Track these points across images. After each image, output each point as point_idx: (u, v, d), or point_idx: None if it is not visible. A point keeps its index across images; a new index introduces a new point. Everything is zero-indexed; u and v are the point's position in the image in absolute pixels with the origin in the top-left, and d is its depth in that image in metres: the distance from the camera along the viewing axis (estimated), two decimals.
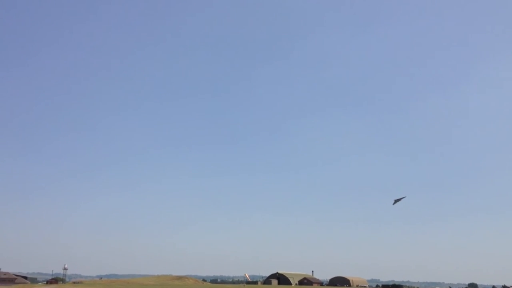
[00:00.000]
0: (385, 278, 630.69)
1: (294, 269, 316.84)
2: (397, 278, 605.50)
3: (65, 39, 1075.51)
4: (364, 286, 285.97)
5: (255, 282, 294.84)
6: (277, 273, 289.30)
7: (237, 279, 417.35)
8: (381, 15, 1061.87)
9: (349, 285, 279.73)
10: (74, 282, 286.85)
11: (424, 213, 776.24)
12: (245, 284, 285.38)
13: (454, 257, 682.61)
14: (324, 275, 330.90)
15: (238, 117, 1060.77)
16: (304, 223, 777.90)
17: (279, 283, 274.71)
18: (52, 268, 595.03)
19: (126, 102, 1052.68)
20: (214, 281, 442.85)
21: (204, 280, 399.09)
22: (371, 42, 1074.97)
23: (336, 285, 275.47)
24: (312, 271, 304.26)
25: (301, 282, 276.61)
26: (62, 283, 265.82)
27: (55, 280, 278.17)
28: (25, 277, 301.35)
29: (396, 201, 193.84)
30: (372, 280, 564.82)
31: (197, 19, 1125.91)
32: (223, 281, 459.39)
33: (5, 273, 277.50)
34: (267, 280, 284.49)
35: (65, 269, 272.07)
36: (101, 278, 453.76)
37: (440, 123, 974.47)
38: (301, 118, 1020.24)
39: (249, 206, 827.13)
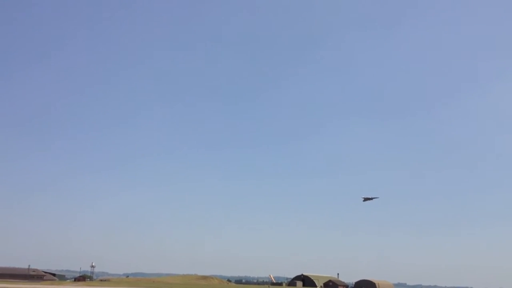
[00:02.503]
0: (412, 282, 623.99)
1: (319, 271, 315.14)
2: (424, 282, 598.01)
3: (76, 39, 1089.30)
4: None
5: (280, 284, 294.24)
6: (302, 275, 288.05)
7: (261, 280, 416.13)
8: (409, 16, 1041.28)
9: None
10: (101, 280, 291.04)
11: (453, 216, 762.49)
12: (269, 285, 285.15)
13: (483, 261, 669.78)
14: (350, 278, 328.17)
15: (264, 120, 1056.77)
16: (330, 225, 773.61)
17: (304, 285, 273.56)
18: (80, 265, 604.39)
19: (157, 100, 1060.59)
20: (238, 281, 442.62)
21: (229, 280, 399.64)
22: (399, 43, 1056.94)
23: None
24: (338, 274, 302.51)
25: (326, 285, 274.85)
26: (90, 280, 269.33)
27: (82, 277, 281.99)
28: (54, 274, 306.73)
29: (366, 199, 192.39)
30: (398, 284, 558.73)
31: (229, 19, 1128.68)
32: (248, 281, 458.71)
33: (34, 270, 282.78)
34: (291, 282, 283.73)
35: (92, 266, 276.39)
36: (128, 276, 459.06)
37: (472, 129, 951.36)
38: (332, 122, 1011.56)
39: (275, 207, 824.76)
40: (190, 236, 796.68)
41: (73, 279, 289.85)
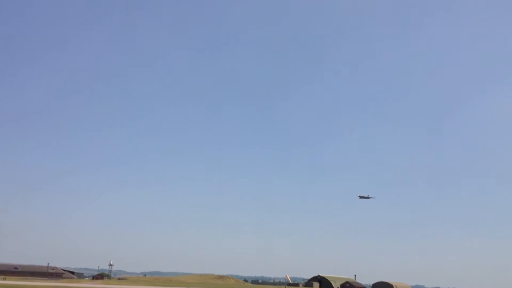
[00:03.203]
0: (431, 284, 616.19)
1: (336, 272, 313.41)
2: (443, 284, 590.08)
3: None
4: None
5: (297, 284, 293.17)
6: (318, 276, 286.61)
7: (278, 281, 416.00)
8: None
9: None
10: (119, 278, 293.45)
11: (473, 218, 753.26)
12: (286, 286, 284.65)
13: (506, 264, 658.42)
14: (367, 280, 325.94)
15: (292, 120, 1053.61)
16: (347, 226, 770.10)
17: (320, 286, 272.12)
18: (98, 264, 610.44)
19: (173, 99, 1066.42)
20: (255, 281, 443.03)
21: (245, 280, 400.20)
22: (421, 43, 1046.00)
23: None
24: (355, 275, 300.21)
25: (343, 286, 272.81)
26: (108, 279, 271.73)
27: (100, 275, 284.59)
28: (72, 272, 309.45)
29: (361, 197, 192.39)
30: (416, 286, 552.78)
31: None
32: (264, 282, 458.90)
33: (53, 268, 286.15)
34: (308, 283, 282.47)
35: (110, 265, 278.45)
36: (145, 275, 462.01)
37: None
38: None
39: (293, 207, 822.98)
40: (207, 236, 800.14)
41: (91, 277, 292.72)
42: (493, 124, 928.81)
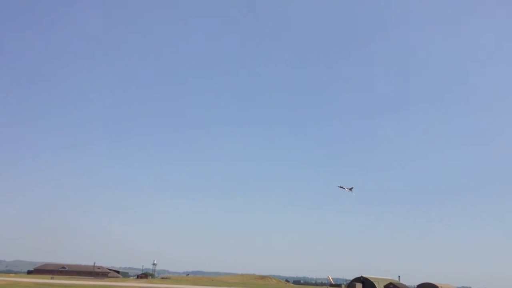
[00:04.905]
0: (477, 286, 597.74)
1: (379, 273, 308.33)
2: (491, 287, 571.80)
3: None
4: None
5: (339, 285, 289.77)
6: (361, 277, 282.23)
7: (320, 281, 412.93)
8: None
9: None
10: (162, 278, 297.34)
11: None
12: (328, 287, 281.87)
13: None
14: (412, 281, 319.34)
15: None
16: (391, 226, 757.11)
17: (363, 287, 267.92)
18: (142, 263, 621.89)
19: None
20: (297, 282, 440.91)
21: (287, 280, 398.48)
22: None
23: None
24: (399, 276, 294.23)
25: (386, 287, 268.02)
26: (152, 278, 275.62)
27: (145, 275, 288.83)
28: (118, 272, 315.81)
29: (340, 187, 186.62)
30: None
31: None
32: (306, 282, 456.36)
33: (99, 267, 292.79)
34: (351, 284, 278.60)
35: (154, 264, 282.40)
36: (188, 274, 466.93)
37: None
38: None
39: (333, 208, 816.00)
40: (249, 237, 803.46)
41: (136, 276, 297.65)
42: None
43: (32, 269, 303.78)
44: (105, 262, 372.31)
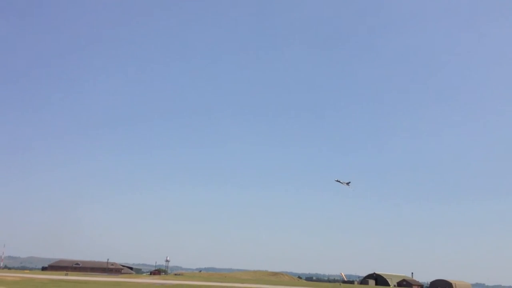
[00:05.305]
0: (492, 283, 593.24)
1: (392, 270, 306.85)
2: (505, 283, 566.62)
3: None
4: None
5: (352, 282, 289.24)
6: (374, 273, 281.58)
7: (332, 278, 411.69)
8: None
9: None
10: (175, 274, 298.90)
11: None
12: (341, 283, 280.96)
13: None
14: (425, 277, 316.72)
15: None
16: (405, 223, 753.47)
17: (376, 284, 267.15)
18: (155, 260, 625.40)
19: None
20: (309, 278, 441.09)
21: (299, 277, 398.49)
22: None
23: None
24: (412, 273, 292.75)
25: (399, 284, 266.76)
26: (165, 274, 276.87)
27: (158, 271, 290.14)
28: (131, 268, 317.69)
29: (337, 181, 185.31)
30: (477, 285, 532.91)
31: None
32: (319, 279, 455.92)
33: (112, 264, 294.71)
34: (364, 280, 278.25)
35: (167, 261, 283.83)
36: (200, 271, 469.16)
37: None
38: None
39: (346, 205, 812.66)
40: (262, 233, 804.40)
41: (149, 273, 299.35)
42: None
43: (47, 266, 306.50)
44: (118, 258, 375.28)
